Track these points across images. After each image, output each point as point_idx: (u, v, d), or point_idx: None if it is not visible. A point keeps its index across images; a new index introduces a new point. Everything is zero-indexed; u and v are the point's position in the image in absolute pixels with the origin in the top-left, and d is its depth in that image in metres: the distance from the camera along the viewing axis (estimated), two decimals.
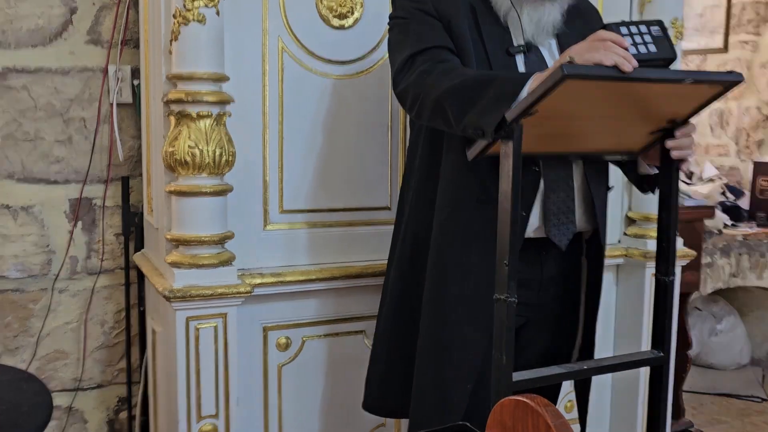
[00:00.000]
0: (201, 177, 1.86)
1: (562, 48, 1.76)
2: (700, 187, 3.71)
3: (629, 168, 1.83)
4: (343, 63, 2.13)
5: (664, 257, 1.70)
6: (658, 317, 1.71)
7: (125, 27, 2.33)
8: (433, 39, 1.68)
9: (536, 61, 1.73)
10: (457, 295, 1.69)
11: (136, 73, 2.36)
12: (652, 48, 1.43)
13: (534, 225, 1.69)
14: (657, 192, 1.73)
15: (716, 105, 4.32)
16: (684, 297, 3.14)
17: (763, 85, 4.06)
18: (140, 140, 2.38)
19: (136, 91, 2.35)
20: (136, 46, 2.35)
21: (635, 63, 1.36)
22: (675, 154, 1.63)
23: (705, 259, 3.49)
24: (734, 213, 3.86)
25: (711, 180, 4.04)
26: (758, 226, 3.79)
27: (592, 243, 1.80)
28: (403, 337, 1.82)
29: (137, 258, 2.31)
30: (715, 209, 3.34)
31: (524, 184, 1.63)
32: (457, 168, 1.67)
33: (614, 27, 1.42)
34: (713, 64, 4.30)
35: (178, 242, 1.88)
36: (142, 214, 2.37)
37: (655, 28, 1.45)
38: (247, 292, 1.91)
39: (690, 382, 3.58)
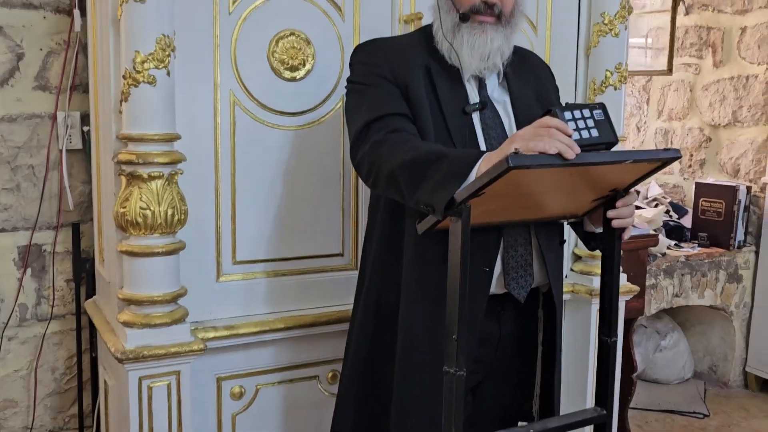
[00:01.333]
0: (153, 237, 1.86)
1: (515, 106, 1.80)
2: (645, 211, 3.82)
3: (576, 225, 1.89)
4: (295, 114, 2.14)
5: (606, 319, 1.76)
6: (600, 377, 1.77)
7: (74, 72, 2.30)
8: (388, 106, 1.71)
9: (492, 118, 1.78)
10: (426, 356, 1.72)
11: (85, 118, 2.34)
12: (595, 132, 1.48)
13: (494, 280, 1.74)
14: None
15: (661, 124, 4.45)
16: (629, 322, 3.23)
17: (705, 107, 4.18)
18: (91, 185, 2.36)
19: (86, 137, 2.33)
20: (86, 90, 2.33)
21: (578, 149, 1.41)
22: (616, 223, 1.69)
23: (649, 281, 3.60)
24: (677, 233, 3.98)
25: (655, 200, 4.16)
26: (700, 246, 3.91)
27: (549, 295, 1.86)
28: (372, 396, 1.85)
29: (88, 306, 2.29)
30: (659, 237, 3.44)
31: (487, 241, 1.69)
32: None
33: (558, 112, 1.47)
34: (658, 84, 4.41)
35: (131, 302, 1.88)
36: (93, 259, 2.35)
37: (597, 112, 1.50)
38: (200, 350, 1.91)
39: (635, 398, 3.69)
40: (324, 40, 2.15)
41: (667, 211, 4.10)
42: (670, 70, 4.14)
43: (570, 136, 1.43)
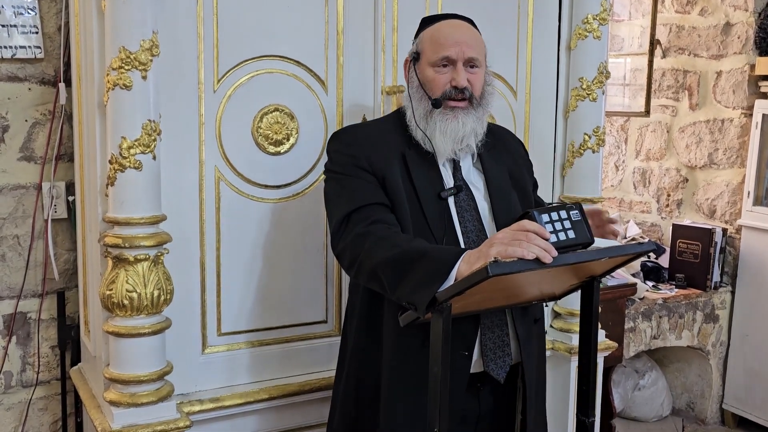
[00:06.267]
0: (139, 318, 1.88)
1: (490, 189, 1.85)
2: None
3: None
4: (279, 187, 2.18)
5: (584, 400, 1.80)
6: None
7: (59, 142, 2.32)
8: (368, 196, 1.75)
9: (467, 201, 1.82)
10: None
11: (70, 188, 2.35)
12: (571, 234, 1.53)
13: (473, 361, 1.78)
14: None
15: (639, 164, 4.52)
16: (608, 370, 3.29)
17: (681, 149, 4.25)
18: (76, 252, 2.38)
19: (71, 207, 2.34)
20: (71, 160, 2.35)
21: (555, 253, 1.45)
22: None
23: (627, 324, 3.65)
24: (655, 274, 4.04)
25: (633, 239, 4.23)
26: (677, 287, 3.98)
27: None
28: None
29: (74, 374, 2.31)
30: (636, 285, 3.49)
31: (465, 325, 1.73)
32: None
33: (536, 215, 1.52)
34: (636, 125, 4.49)
35: (117, 381, 1.90)
36: (78, 326, 2.37)
37: (574, 212, 1.55)
38: (186, 427, 1.94)
39: None
40: (308, 114, 2.19)
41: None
42: (647, 112, 4.22)
43: (547, 239, 1.48)
